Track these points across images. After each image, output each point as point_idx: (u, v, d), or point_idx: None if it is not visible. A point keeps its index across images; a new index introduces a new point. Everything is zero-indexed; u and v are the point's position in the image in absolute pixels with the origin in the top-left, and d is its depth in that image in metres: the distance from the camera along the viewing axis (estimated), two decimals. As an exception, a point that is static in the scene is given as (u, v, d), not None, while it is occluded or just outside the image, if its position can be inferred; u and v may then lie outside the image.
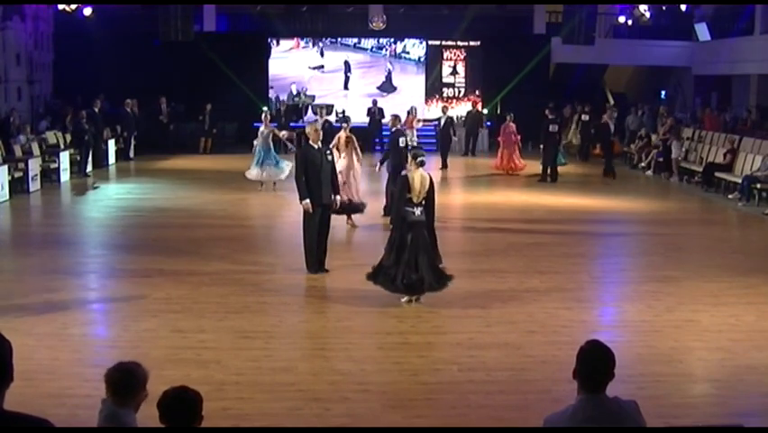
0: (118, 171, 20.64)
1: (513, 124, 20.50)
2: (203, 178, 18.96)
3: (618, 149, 23.00)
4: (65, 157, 18.55)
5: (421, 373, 6.98)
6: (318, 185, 10.01)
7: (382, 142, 22.35)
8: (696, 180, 19.09)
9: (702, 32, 26.23)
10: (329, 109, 25.34)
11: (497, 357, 7.36)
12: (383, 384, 6.78)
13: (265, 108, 19.54)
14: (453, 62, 27.74)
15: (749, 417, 6.23)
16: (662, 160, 20.52)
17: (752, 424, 5.93)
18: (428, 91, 27.39)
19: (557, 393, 6.17)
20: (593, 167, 22.43)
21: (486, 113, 26.82)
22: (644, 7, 26.68)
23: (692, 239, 13.26)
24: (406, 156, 14.10)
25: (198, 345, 7.53)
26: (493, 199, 16.81)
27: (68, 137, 20.05)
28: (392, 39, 27.35)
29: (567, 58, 26.27)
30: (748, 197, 16.30)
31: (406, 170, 9.07)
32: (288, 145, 16.98)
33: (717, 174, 18.13)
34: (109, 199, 16.39)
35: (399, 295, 8.83)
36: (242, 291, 9.41)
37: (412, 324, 8.31)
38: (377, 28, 26.45)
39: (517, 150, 20.55)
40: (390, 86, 27.42)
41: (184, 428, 3.47)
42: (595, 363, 3.59)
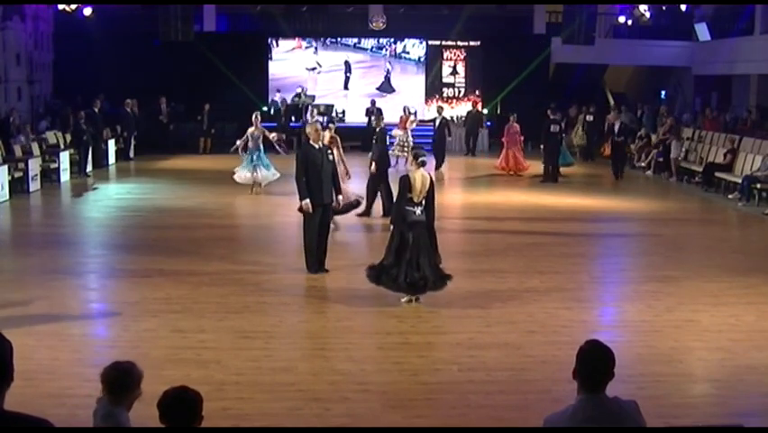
0: (118, 171, 20.64)
1: (517, 124, 20.42)
2: (203, 178, 18.95)
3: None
4: (65, 157, 18.55)
5: (421, 373, 6.98)
6: (319, 185, 10.00)
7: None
8: (696, 180, 19.10)
9: (702, 32, 26.23)
10: (324, 109, 25.31)
11: (497, 357, 7.36)
12: (383, 384, 6.78)
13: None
14: (453, 62, 27.75)
15: (749, 417, 6.23)
16: (661, 160, 20.52)
17: (752, 424, 5.93)
18: (428, 91, 27.40)
19: (557, 393, 6.17)
20: (596, 167, 22.45)
21: (486, 113, 26.84)
22: (644, 7, 26.68)
23: (692, 239, 13.26)
24: (388, 156, 14.15)
25: (198, 345, 7.53)
26: (493, 199, 16.80)
27: (68, 137, 20.06)
28: (392, 39, 27.36)
29: (567, 58, 26.27)
30: (748, 197, 16.30)
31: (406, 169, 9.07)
32: (278, 148, 16.52)
33: (717, 174, 18.13)
34: (109, 199, 16.39)
35: (400, 295, 8.83)
36: (242, 291, 9.41)
37: (412, 324, 8.31)
38: (377, 28, 26.46)
39: (521, 150, 20.47)
40: (390, 86, 27.42)
41: (184, 428, 3.47)
42: (595, 363, 3.59)
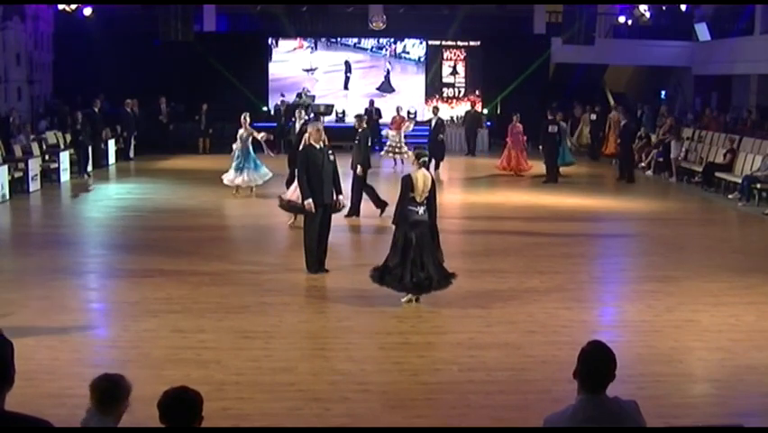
0: (118, 171, 20.63)
1: (520, 124, 20.31)
2: (203, 178, 18.93)
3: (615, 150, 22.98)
4: (65, 157, 18.55)
5: (421, 373, 6.98)
6: (320, 185, 9.99)
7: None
8: (696, 180, 19.10)
9: (702, 32, 26.24)
10: (324, 109, 25.31)
11: (497, 357, 7.36)
12: (383, 384, 6.78)
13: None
14: (453, 62, 27.75)
15: (749, 417, 6.23)
16: (661, 160, 20.52)
17: (752, 424, 5.93)
18: (428, 91, 27.40)
19: (557, 393, 6.17)
20: (597, 167, 22.48)
21: (486, 113, 26.83)
22: (644, 7, 26.68)
23: (692, 239, 13.26)
24: (368, 156, 14.06)
25: (198, 345, 7.53)
26: (493, 199, 16.80)
27: (68, 137, 20.06)
28: (392, 39, 27.36)
29: (567, 58, 26.28)
30: (748, 197, 16.30)
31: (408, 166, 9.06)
32: (266, 149, 16.16)
33: (717, 174, 18.13)
34: (109, 199, 16.39)
35: (401, 295, 8.83)
36: (242, 291, 9.40)
37: (412, 324, 8.31)
38: (377, 28, 26.46)
39: (525, 150, 20.40)
40: (390, 86, 27.43)
41: (184, 428, 3.47)
42: (596, 363, 3.58)
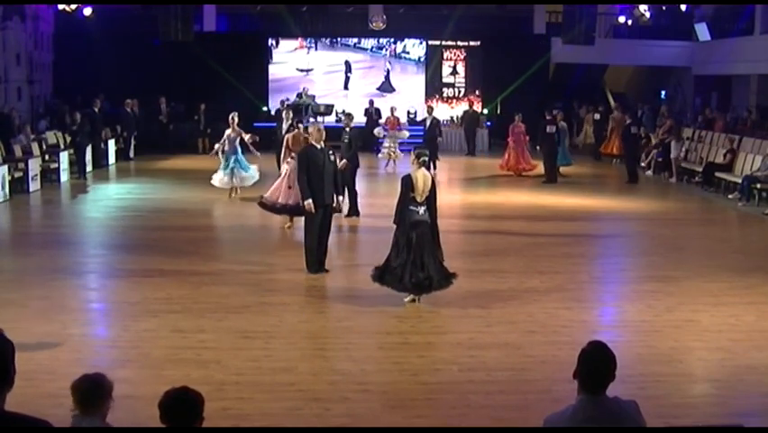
0: (118, 171, 20.63)
1: (522, 124, 20.24)
2: (203, 178, 18.86)
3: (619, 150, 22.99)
4: (65, 157, 18.56)
5: (421, 373, 6.98)
6: (321, 185, 9.98)
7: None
8: (696, 180, 19.10)
9: (702, 32, 26.23)
10: (324, 109, 25.30)
11: (497, 357, 7.37)
12: (383, 384, 6.78)
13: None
14: (453, 62, 27.74)
15: (749, 417, 6.23)
16: (661, 160, 20.52)
17: (752, 424, 5.93)
18: (428, 91, 27.39)
19: (557, 393, 6.18)
20: (597, 167, 22.49)
21: (486, 113, 26.82)
22: (644, 7, 26.67)
23: (692, 239, 13.26)
24: (357, 157, 14.04)
25: (198, 345, 7.53)
26: (493, 199, 16.80)
27: (68, 137, 20.06)
28: (392, 39, 27.36)
29: (567, 58, 26.26)
30: (748, 197, 16.30)
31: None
32: (252, 150, 15.83)
33: (717, 174, 18.13)
34: (109, 199, 16.39)
35: (403, 295, 8.83)
36: (242, 291, 9.41)
37: (412, 324, 8.31)
38: (377, 28, 26.44)
39: (527, 150, 20.36)
40: (390, 86, 27.43)
41: (184, 428, 3.47)
42: (596, 364, 3.58)
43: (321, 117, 24.15)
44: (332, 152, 10.27)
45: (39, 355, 7.04)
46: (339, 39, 27.55)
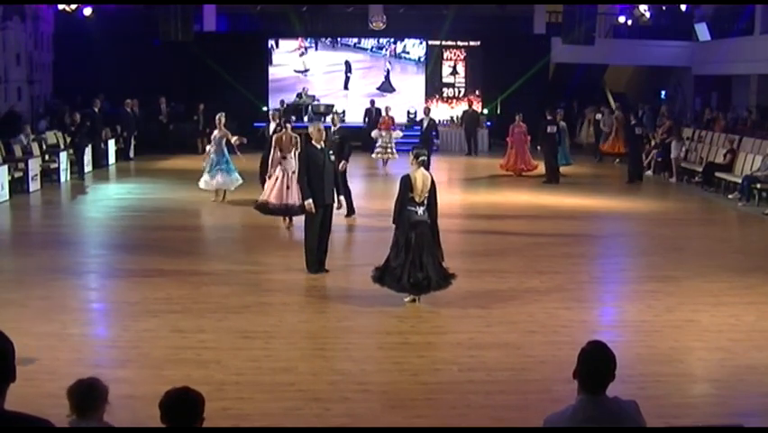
0: (118, 171, 20.62)
1: (523, 123, 20.22)
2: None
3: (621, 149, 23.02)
4: (65, 157, 18.56)
5: (421, 373, 6.98)
6: (321, 185, 9.99)
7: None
8: (696, 180, 19.10)
9: (702, 32, 26.24)
10: (324, 109, 25.27)
11: (497, 357, 7.37)
12: (383, 384, 6.79)
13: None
14: (453, 62, 27.74)
15: (749, 417, 6.23)
16: (661, 160, 20.52)
17: (752, 424, 5.93)
18: (428, 91, 27.39)
19: (557, 393, 6.18)
20: (597, 167, 22.49)
21: (486, 113, 26.81)
22: (644, 7, 26.67)
23: (692, 239, 13.26)
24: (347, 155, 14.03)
25: (198, 345, 7.53)
26: (493, 199, 16.80)
27: (68, 137, 20.05)
28: (392, 39, 27.36)
29: (567, 58, 26.27)
30: (748, 197, 16.31)
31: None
32: (236, 151, 15.50)
33: (717, 174, 18.13)
34: (109, 199, 16.39)
35: (403, 295, 8.83)
36: (242, 291, 9.41)
37: (412, 324, 8.31)
38: (377, 28, 26.45)
39: (527, 151, 20.30)
40: (390, 85, 27.43)
41: (184, 428, 3.47)
42: (596, 364, 3.58)
43: (330, 117, 24.11)
44: (332, 152, 10.29)
45: (39, 355, 7.04)
46: (339, 39, 27.55)
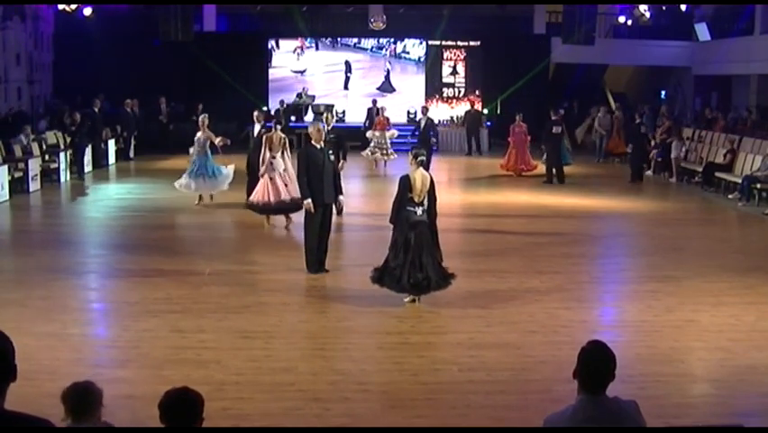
0: (118, 171, 20.63)
1: (524, 123, 20.19)
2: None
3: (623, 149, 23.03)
4: (65, 157, 18.55)
5: (421, 373, 6.98)
6: (320, 185, 9.99)
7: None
8: (696, 180, 19.10)
9: (702, 32, 26.24)
10: (324, 109, 25.22)
11: (497, 357, 7.36)
12: (383, 384, 6.79)
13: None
14: (453, 62, 27.74)
15: (749, 417, 6.23)
16: (661, 160, 20.51)
17: (752, 424, 5.92)
18: (428, 91, 27.39)
19: (557, 393, 6.17)
20: (599, 167, 22.48)
21: (486, 113, 26.81)
22: (644, 7, 26.67)
23: (692, 239, 13.25)
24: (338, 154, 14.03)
25: (198, 345, 7.53)
26: (493, 199, 16.80)
27: (68, 137, 20.06)
28: (392, 39, 27.36)
29: (567, 58, 26.27)
30: (748, 197, 16.30)
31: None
32: (220, 152, 15.22)
33: (717, 174, 18.13)
34: (109, 199, 16.39)
35: (402, 295, 8.82)
36: (242, 291, 9.41)
37: (412, 324, 8.31)
38: (377, 28, 26.44)
39: (528, 151, 20.25)
40: (390, 85, 27.43)
41: (184, 428, 3.47)
42: (596, 363, 3.58)
43: (325, 116, 24.10)
44: (331, 152, 10.29)
45: (39, 355, 7.04)
46: (339, 39, 27.56)
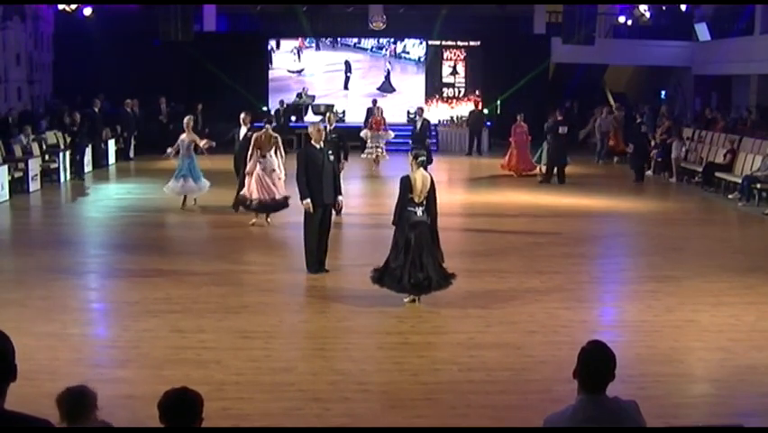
0: (118, 171, 20.63)
1: (525, 123, 20.17)
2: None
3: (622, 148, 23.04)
4: (65, 157, 18.55)
5: (421, 373, 6.98)
6: (319, 185, 9.99)
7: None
8: (696, 180, 19.10)
9: (702, 32, 26.24)
10: (324, 109, 25.23)
11: (497, 357, 7.36)
12: (383, 384, 6.79)
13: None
14: (453, 62, 27.74)
15: (749, 417, 6.23)
16: (661, 160, 20.51)
17: (752, 424, 5.92)
18: (428, 91, 27.39)
19: (557, 393, 6.17)
20: (599, 167, 22.48)
21: (486, 113, 26.81)
22: (644, 7, 26.67)
23: (692, 239, 13.25)
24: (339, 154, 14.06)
25: (198, 345, 7.53)
26: (493, 199, 16.80)
27: (68, 137, 20.06)
28: (392, 39, 27.36)
29: (567, 58, 26.28)
30: (748, 197, 16.30)
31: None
32: (204, 152, 15.06)
33: (717, 174, 18.13)
34: (109, 199, 16.39)
35: (402, 295, 8.82)
36: (242, 291, 9.41)
37: (412, 324, 8.31)
38: (377, 28, 26.44)
39: (529, 151, 20.24)
40: (390, 86, 27.43)
41: (184, 428, 3.47)
42: (596, 363, 3.58)
43: (327, 116, 24.10)
44: (331, 152, 10.28)
45: (39, 355, 7.04)
46: (339, 39, 27.56)
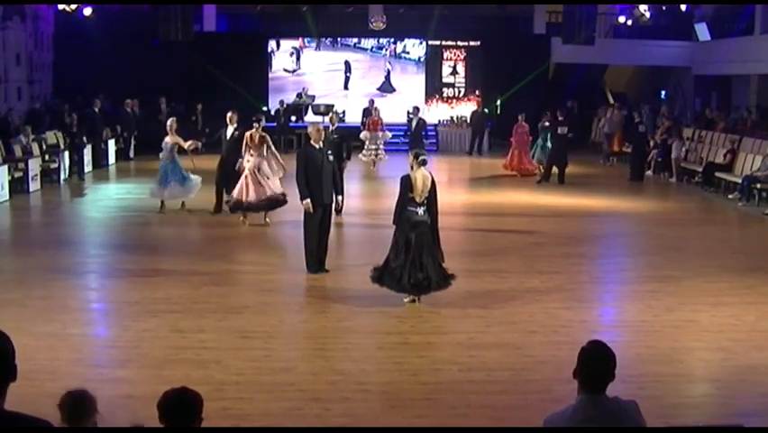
0: (118, 171, 20.62)
1: (526, 123, 20.21)
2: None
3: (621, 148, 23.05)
4: (65, 157, 18.55)
5: (421, 373, 6.98)
6: (319, 185, 9.99)
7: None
8: (696, 180, 19.10)
9: (702, 32, 26.23)
10: (324, 109, 25.23)
11: (497, 357, 7.37)
12: (383, 384, 6.79)
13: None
14: (453, 62, 27.74)
15: (749, 417, 6.23)
16: (661, 160, 20.51)
17: (752, 424, 5.93)
18: (428, 91, 27.39)
19: (557, 393, 6.17)
20: (599, 167, 22.47)
21: (486, 113, 26.81)
22: (644, 7, 26.66)
23: (692, 239, 13.25)
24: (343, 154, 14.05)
25: (198, 345, 7.53)
26: (493, 199, 16.80)
27: (68, 137, 20.05)
28: (392, 39, 27.36)
29: (567, 58, 26.27)
30: (748, 197, 16.30)
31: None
32: (189, 153, 14.89)
33: (717, 174, 18.13)
34: (109, 199, 16.38)
35: (402, 295, 8.82)
36: (242, 291, 9.41)
37: (412, 324, 8.31)
38: (377, 28, 26.44)
39: (529, 151, 20.23)
40: (390, 86, 27.43)
41: (184, 428, 3.47)
42: (596, 363, 3.58)
43: (329, 117, 24.11)
44: (330, 152, 10.28)
45: (39, 355, 7.03)
46: (339, 39, 27.56)
